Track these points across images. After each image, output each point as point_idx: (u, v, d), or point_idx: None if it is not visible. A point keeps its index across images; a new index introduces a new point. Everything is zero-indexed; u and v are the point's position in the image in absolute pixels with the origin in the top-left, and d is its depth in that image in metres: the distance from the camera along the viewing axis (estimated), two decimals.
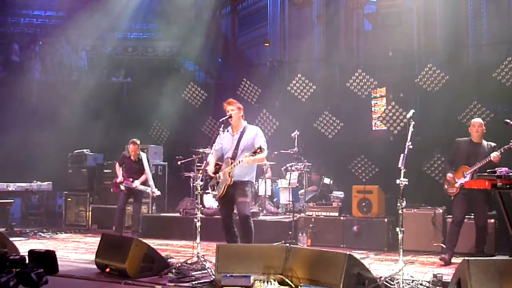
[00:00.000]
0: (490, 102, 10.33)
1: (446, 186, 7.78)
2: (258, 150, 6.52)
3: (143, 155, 10.43)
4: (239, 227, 6.93)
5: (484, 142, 7.63)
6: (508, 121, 6.58)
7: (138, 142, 10.38)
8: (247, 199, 6.90)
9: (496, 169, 6.07)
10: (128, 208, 11.79)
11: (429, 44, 12.33)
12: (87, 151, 12.83)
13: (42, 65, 15.48)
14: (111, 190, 10.67)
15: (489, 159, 7.28)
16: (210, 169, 7.05)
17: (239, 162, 6.74)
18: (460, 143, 7.80)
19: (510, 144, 7.11)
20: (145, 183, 10.26)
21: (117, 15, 14.19)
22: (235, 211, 7.06)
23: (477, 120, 7.76)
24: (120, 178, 10.27)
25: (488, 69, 10.44)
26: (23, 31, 15.68)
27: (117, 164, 10.54)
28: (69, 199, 12.56)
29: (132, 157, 10.35)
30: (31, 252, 6.05)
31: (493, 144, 7.58)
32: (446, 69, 10.87)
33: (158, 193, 10.31)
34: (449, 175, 7.65)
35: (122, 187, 10.25)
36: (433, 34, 12.35)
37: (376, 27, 13.57)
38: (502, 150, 7.24)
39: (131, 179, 10.21)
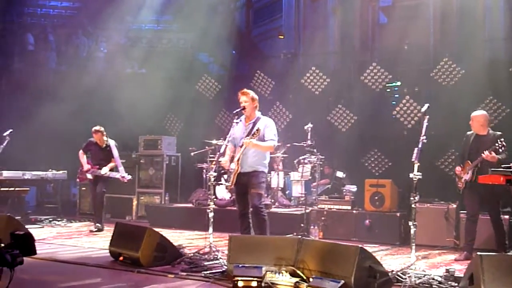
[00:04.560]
0: (505, 97, 10.22)
1: (457, 180, 7.74)
2: (256, 132, 6.62)
3: (111, 142, 10.21)
4: (252, 218, 6.99)
5: (491, 133, 7.44)
6: None
7: (102, 129, 10.13)
8: (260, 190, 6.96)
9: (511, 164, 6.04)
10: (142, 198, 11.92)
11: (445, 38, 12.21)
12: None
13: (58, 56, 15.58)
14: (77, 179, 10.62)
15: (481, 157, 7.11)
16: (224, 160, 7.08)
17: (244, 148, 6.76)
18: (466, 137, 7.68)
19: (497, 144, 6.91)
20: (113, 169, 10.10)
21: (132, 6, 14.24)
22: None
23: (477, 113, 7.56)
24: (86, 167, 10.13)
25: (504, 64, 10.34)
26: (39, 21, 15.77)
27: (80, 151, 10.30)
28: (83, 188, 12.63)
29: (98, 143, 10.18)
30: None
31: (498, 133, 7.40)
32: (462, 63, 10.77)
33: (128, 177, 10.02)
34: (458, 168, 7.61)
35: (89, 176, 10.13)
36: (449, 28, 12.22)
37: (391, 20, 13.45)
38: (497, 147, 7.02)
39: (98, 166, 10.09)
